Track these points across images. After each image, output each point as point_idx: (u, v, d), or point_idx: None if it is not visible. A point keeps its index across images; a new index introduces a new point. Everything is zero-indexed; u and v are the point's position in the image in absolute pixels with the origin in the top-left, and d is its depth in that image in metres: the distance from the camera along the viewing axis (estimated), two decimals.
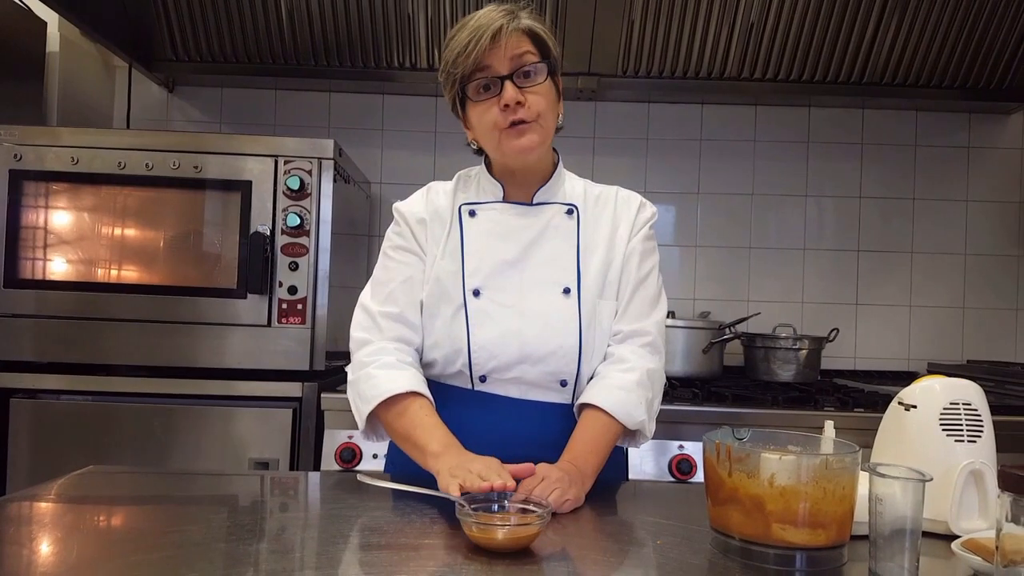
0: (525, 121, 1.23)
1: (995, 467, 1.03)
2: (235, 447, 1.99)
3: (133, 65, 2.68)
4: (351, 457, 1.93)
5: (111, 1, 2.43)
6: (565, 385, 1.29)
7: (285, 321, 2.05)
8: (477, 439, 1.17)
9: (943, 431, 1.05)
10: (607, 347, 1.32)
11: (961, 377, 1.12)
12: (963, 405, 1.06)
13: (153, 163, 2.06)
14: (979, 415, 1.06)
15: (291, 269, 2.05)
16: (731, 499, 0.91)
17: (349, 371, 1.32)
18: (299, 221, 2.04)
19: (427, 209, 1.36)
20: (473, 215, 1.34)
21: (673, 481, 1.89)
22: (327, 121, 2.81)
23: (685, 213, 2.82)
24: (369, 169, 2.73)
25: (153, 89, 2.80)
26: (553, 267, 1.31)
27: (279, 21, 2.49)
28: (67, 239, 2.08)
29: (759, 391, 2.12)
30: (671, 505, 1.23)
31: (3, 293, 2.04)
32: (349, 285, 2.31)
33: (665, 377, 1.37)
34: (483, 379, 1.28)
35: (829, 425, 1.06)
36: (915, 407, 1.08)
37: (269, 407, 2.01)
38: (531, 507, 0.98)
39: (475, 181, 1.39)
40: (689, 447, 1.92)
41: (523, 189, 1.35)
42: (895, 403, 1.11)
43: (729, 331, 2.44)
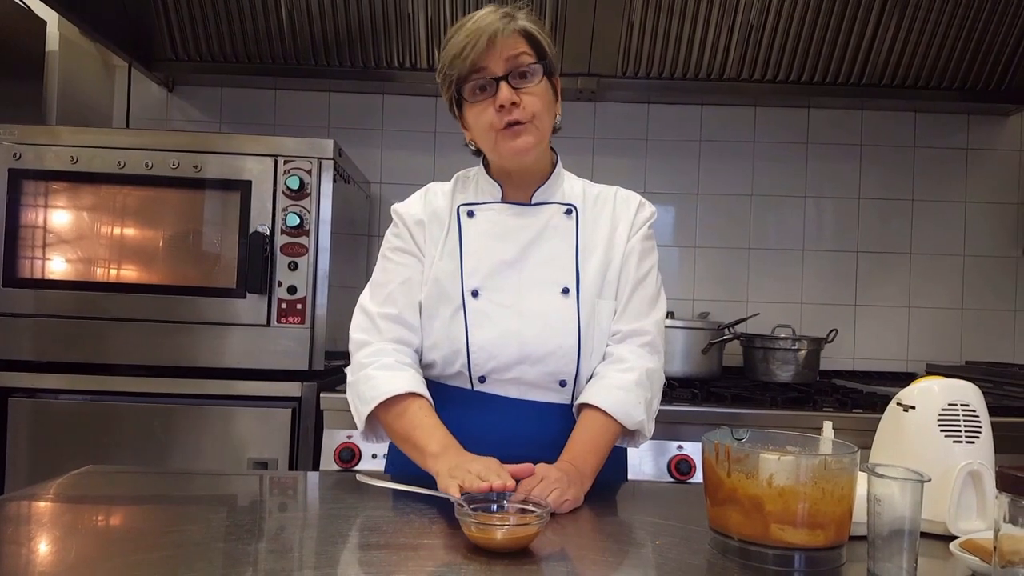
0: (520, 122, 1.23)
1: (993, 468, 1.03)
2: (234, 447, 1.99)
3: (133, 65, 2.68)
4: (350, 457, 1.94)
5: (111, 1, 2.43)
6: (564, 385, 1.29)
7: (284, 321, 2.05)
8: (477, 440, 1.17)
9: (941, 432, 1.05)
10: (606, 347, 1.32)
11: (959, 378, 1.12)
12: (961, 406, 1.06)
13: (153, 163, 2.07)
14: (977, 416, 1.06)
15: (291, 269, 2.05)
16: (730, 499, 0.91)
17: (348, 372, 1.32)
18: (299, 221, 2.05)
19: (425, 210, 1.36)
20: (471, 216, 1.34)
21: (672, 481, 1.89)
22: (327, 121, 2.81)
23: (684, 214, 2.82)
24: (369, 169, 2.73)
25: (153, 89, 2.81)
26: (552, 267, 1.31)
27: (279, 21, 2.49)
28: (66, 238, 2.08)
29: (758, 392, 2.12)
30: (670, 505, 1.23)
31: (2, 292, 2.04)
32: (348, 285, 2.31)
33: (664, 377, 1.37)
34: (482, 380, 1.29)
35: (828, 426, 1.06)
36: (913, 408, 1.08)
37: (268, 407, 2.01)
38: (530, 507, 0.98)
39: (473, 182, 1.39)
40: (688, 447, 1.92)
41: (521, 189, 1.35)
42: (893, 404, 1.11)
43: (728, 332, 2.44)
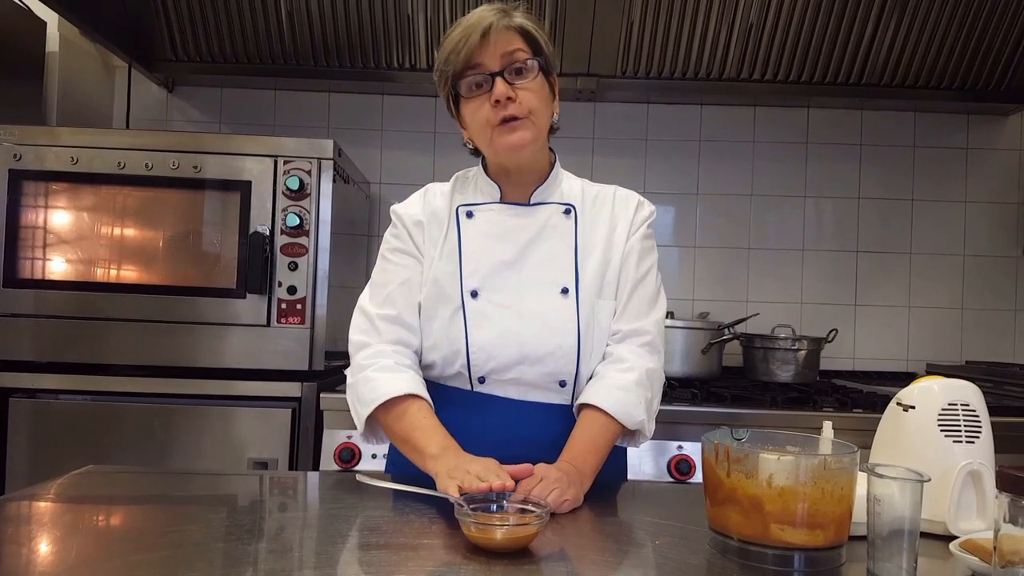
0: (516, 117, 1.23)
1: (993, 468, 1.03)
2: (234, 447, 1.99)
3: (133, 65, 2.68)
4: (350, 457, 1.94)
5: (111, 1, 2.43)
6: (564, 385, 1.29)
7: (284, 321, 2.05)
8: (476, 441, 1.17)
9: (941, 432, 1.05)
10: (606, 347, 1.32)
11: (959, 378, 1.12)
12: (961, 406, 1.06)
13: (152, 163, 2.07)
14: (977, 416, 1.06)
15: (290, 269, 2.05)
16: (729, 499, 0.91)
17: (348, 374, 1.32)
18: (298, 221, 2.05)
19: (424, 211, 1.36)
20: (470, 216, 1.34)
21: (672, 481, 1.89)
22: (327, 121, 2.81)
23: (684, 214, 2.82)
24: (368, 169, 2.73)
25: (153, 89, 2.81)
26: (551, 267, 1.30)
27: (279, 22, 2.49)
28: (66, 239, 2.08)
29: (758, 391, 2.12)
30: (670, 505, 1.23)
31: (2, 293, 2.04)
32: (348, 285, 2.31)
33: (664, 377, 1.37)
34: (482, 380, 1.28)
35: (828, 426, 1.06)
36: (913, 408, 1.08)
37: (268, 407, 2.01)
38: (530, 507, 0.98)
39: (472, 182, 1.39)
40: (688, 447, 1.92)
41: (520, 189, 1.35)
42: (893, 404, 1.11)
43: (728, 332, 2.44)
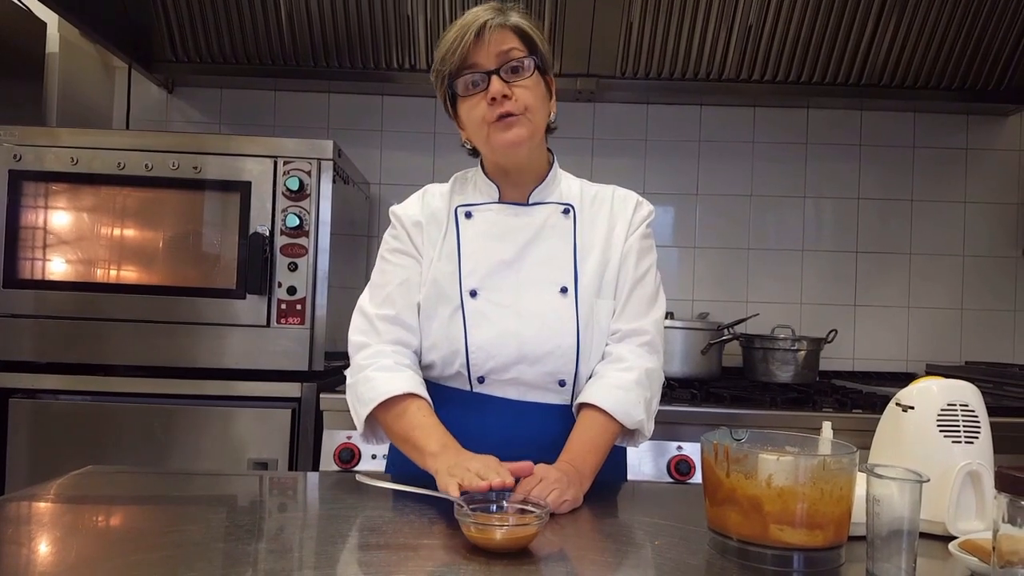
0: (513, 114, 1.23)
1: (992, 468, 1.03)
2: (234, 447, 1.99)
3: (133, 66, 2.69)
4: (350, 457, 1.94)
5: (111, 2, 2.43)
6: (563, 385, 1.29)
7: (284, 321, 2.05)
8: (476, 441, 1.17)
9: (940, 432, 1.05)
10: (605, 346, 1.32)
11: (959, 378, 1.12)
12: (960, 406, 1.06)
13: (152, 164, 2.07)
14: (976, 416, 1.06)
15: (290, 270, 2.05)
16: (729, 500, 0.92)
17: (348, 375, 1.32)
18: (298, 222, 2.05)
19: (423, 212, 1.36)
20: (469, 216, 1.34)
21: (671, 482, 1.89)
22: (326, 122, 2.81)
23: (684, 214, 2.82)
24: (368, 170, 2.73)
25: (153, 90, 2.81)
26: (550, 267, 1.31)
27: (279, 22, 2.49)
28: (66, 239, 2.08)
29: (757, 392, 2.13)
30: (669, 506, 1.23)
31: (2, 293, 2.04)
32: (348, 286, 2.31)
33: (664, 376, 1.37)
34: (481, 380, 1.29)
35: (827, 426, 1.06)
36: (912, 408, 1.08)
37: (268, 407, 2.01)
38: (529, 507, 0.98)
39: (471, 183, 1.39)
40: (687, 448, 1.92)
41: (518, 189, 1.35)
42: (892, 404, 1.11)
43: (728, 332, 2.44)
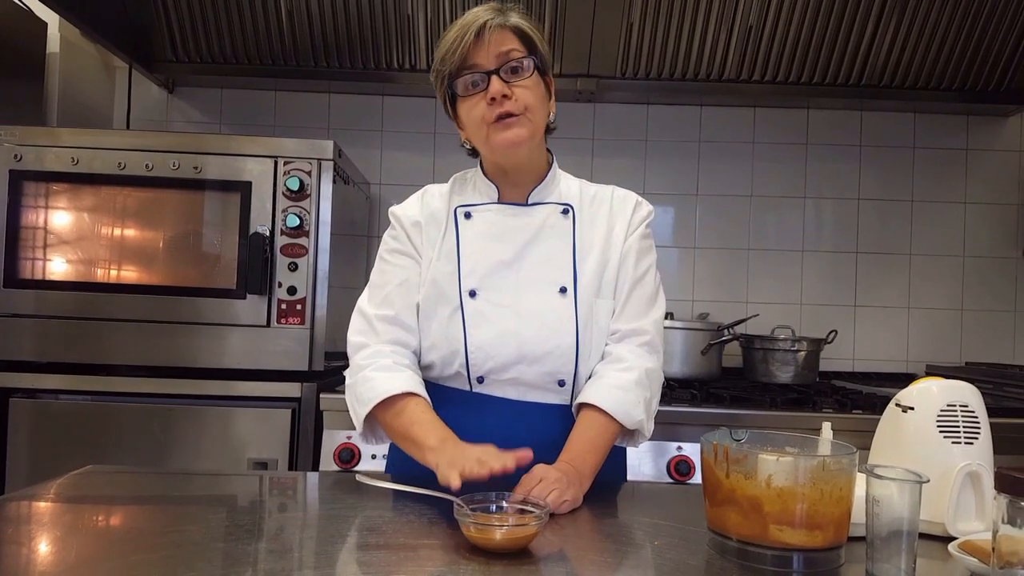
0: (512, 114, 1.23)
1: (992, 469, 1.03)
2: (234, 447, 1.99)
3: (133, 66, 2.69)
4: (350, 457, 1.94)
5: (111, 2, 2.43)
6: (563, 385, 1.29)
7: (284, 321, 2.05)
8: (475, 441, 1.16)
9: (940, 433, 1.05)
10: (605, 346, 1.32)
11: (959, 379, 1.12)
12: (960, 407, 1.06)
13: (153, 164, 2.07)
14: (976, 417, 1.06)
15: (290, 270, 2.06)
16: (728, 500, 0.92)
17: (347, 375, 1.32)
18: (298, 222, 2.05)
19: (422, 212, 1.36)
20: (468, 217, 1.34)
21: (671, 482, 1.89)
22: (327, 122, 2.81)
23: (684, 214, 2.82)
24: (368, 170, 2.73)
25: (153, 90, 2.81)
26: (549, 267, 1.31)
27: (279, 22, 2.49)
28: (67, 239, 2.08)
29: (757, 392, 2.13)
30: (669, 506, 1.23)
31: (3, 293, 2.05)
32: (348, 286, 2.31)
33: (663, 376, 1.37)
34: (481, 380, 1.29)
35: (827, 426, 1.06)
36: (912, 409, 1.08)
37: (268, 407, 2.01)
38: (529, 507, 0.98)
39: (470, 183, 1.39)
40: (687, 448, 1.92)
41: (518, 189, 1.35)
42: (892, 405, 1.11)
43: (728, 332, 2.44)
